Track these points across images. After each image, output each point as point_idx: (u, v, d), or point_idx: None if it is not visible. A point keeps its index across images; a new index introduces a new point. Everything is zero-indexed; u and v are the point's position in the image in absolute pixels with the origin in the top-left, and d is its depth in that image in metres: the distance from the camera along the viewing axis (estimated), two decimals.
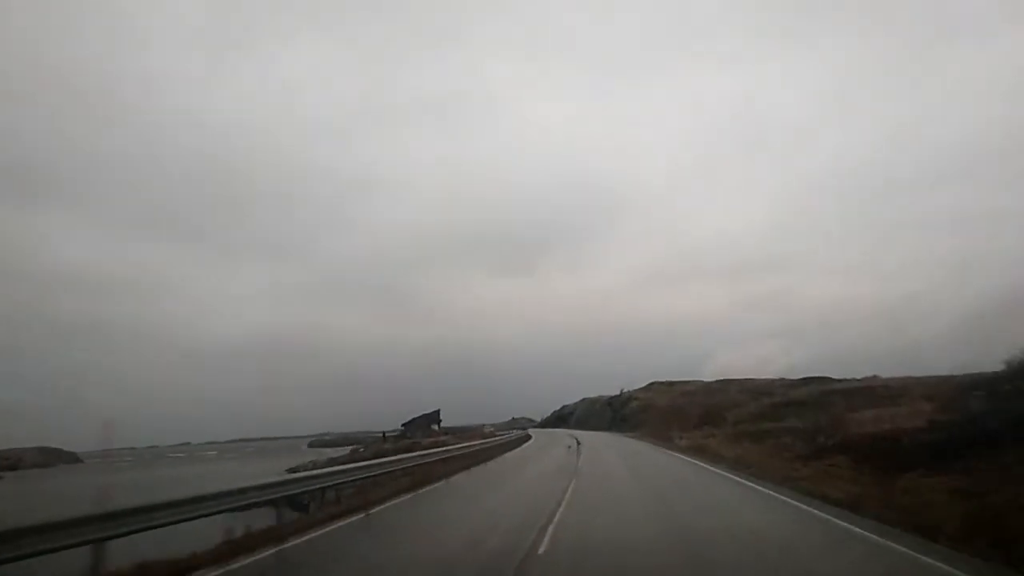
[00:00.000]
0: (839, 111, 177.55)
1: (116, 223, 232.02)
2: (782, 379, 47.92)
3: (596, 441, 38.09)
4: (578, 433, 51.06)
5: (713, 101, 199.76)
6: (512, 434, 49.37)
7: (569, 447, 31.02)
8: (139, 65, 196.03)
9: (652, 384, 64.29)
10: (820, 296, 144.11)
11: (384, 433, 67.53)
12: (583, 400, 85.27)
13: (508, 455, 30.49)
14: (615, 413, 62.30)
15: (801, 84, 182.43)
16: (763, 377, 51.50)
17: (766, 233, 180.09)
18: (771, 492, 11.92)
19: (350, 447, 66.03)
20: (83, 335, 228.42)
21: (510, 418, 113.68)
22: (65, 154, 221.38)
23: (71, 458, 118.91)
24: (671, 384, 61.96)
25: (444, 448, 24.83)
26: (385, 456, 21.76)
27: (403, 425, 74.88)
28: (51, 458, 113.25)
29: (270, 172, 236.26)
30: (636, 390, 63.50)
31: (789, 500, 10.79)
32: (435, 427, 76.62)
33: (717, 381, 54.76)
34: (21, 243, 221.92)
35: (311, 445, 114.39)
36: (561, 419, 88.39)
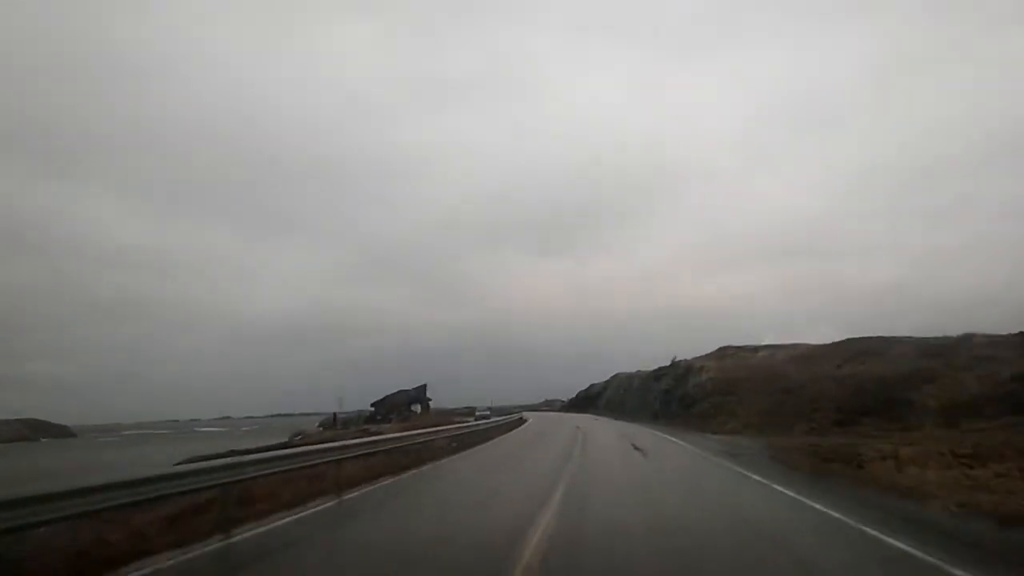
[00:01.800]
0: (890, 89, 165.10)
1: (162, 202, 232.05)
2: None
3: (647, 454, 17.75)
4: (598, 425, 30.48)
5: (761, 79, 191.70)
6: (495, 420, 36.62)
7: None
8: (188, 45, 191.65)
9: (725, 350, 42.06)
10: (871, 281, 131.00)
11: (335, 414, 48.74)
12: (615, 376, 63.49)
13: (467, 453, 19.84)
14: (667, 394, 40.53)
15: (851, 62, 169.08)
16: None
17: (814, 215, 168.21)
18: None
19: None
20: (131, 312, 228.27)
21: (543, 399, 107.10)
22: (111, 133, 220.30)
23: (61, 432, 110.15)
24: (754, 350, 39.56)
25: (392, 437, 16.18)
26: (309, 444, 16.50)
27: (373, 404, 57.27)
28: (36, 431, 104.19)
29: (314, 151, 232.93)
30: (700, 357, 41.36)
31: None
32: (415, 408, 58.32)
33: (844, 341, 31.88)
34: (71, 221, 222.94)
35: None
36: (588, 401, 67.27)
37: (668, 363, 45.54)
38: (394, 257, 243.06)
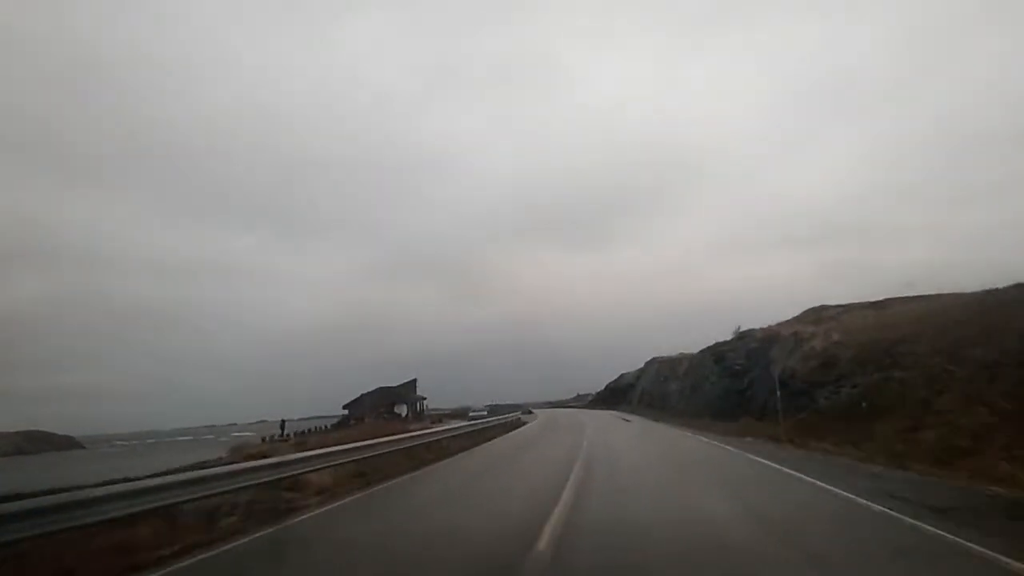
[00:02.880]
0: (924, 66, 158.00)
1: (191, 208, 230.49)
2: None
3: None
4: (622, 438, 18.60)
5: (791, 58, 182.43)
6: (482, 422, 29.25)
7: None
8: (211, 47, 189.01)
9: (821, 310, 28.26)
10: (907, 262, 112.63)
11: (282, 421, 37.27)
12: (652, 362, 49.05)
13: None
14: (738, 378, 27.10)
15: (884, 37, 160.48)
16: None
17: (848, 196, 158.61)
18: None
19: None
20: (168, 319, 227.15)
21: (575, 394, 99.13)
22: (136, 140, 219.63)
23: (66, 443, 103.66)
24: (874, 306, 25.62)
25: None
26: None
27: (346, 407, 46.04)
28: (37, 443, 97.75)
29: (339, 151, 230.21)
30: (783, 323, 27.66)
31: None
32: (400, 410, 46.41)
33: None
34: (100, 230, 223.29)
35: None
36: (617, 394, 53.81)
37: (733, 335, 31.93)
38: (422, 255, 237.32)
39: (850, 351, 15.68)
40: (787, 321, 28.65)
